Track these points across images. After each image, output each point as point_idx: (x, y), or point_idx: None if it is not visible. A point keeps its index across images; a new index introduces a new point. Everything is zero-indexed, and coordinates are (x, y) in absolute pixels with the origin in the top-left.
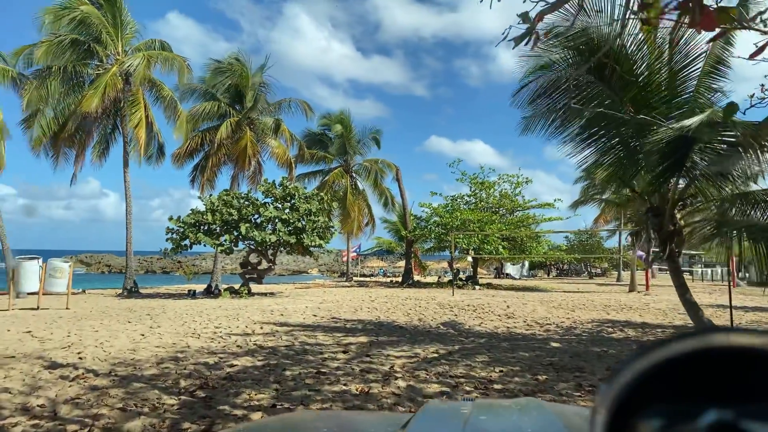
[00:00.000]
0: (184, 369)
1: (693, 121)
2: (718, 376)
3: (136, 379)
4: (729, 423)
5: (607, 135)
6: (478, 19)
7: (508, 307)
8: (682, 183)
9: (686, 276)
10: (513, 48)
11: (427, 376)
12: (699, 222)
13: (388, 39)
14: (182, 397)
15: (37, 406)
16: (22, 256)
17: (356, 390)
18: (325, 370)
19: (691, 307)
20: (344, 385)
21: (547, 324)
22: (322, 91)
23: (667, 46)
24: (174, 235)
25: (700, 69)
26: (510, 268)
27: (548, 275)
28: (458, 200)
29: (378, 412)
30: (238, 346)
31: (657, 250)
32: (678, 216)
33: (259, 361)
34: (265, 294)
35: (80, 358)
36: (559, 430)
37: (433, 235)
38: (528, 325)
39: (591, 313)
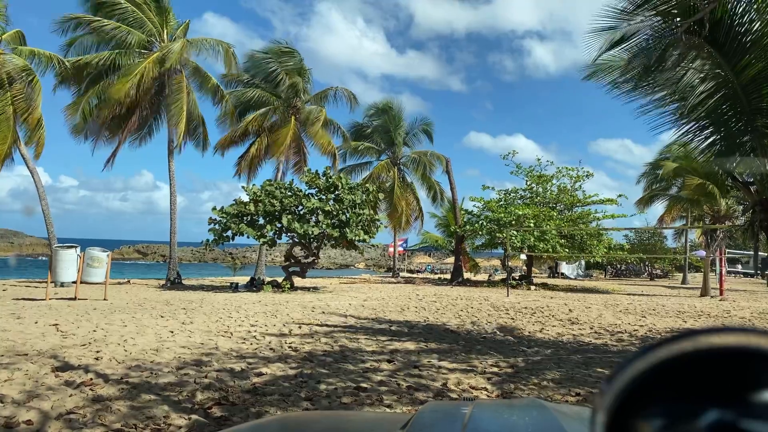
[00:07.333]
0: (205, 377)
1: None
2: (718, 375)
3: (148, 388)
4: (729, 423)
5: (705, 109)
6: (511, 11)
7: (570, 311)
8: None
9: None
10: None
11: (489, 397)
12: None
13: (420, 34)
14: (193, 416)
15: (23, 422)
16: (60, 245)
17: (404, 413)
18: (366, 385)
19: None
20: (388, 406)
21: (619, 332)
22: (357, 86)
23: None
24: (216, 226)
25: None
26: (565, 268)
27: (612, 275)
28: (512, 194)
29: (378, 412)
30: (271, 349)
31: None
32: None
33: (291, 369)
34: (308, 288)
35: (96, 359)
36: (559, 430)
37: (484, 231)
38: (596, 332)
39: (665, 320)
